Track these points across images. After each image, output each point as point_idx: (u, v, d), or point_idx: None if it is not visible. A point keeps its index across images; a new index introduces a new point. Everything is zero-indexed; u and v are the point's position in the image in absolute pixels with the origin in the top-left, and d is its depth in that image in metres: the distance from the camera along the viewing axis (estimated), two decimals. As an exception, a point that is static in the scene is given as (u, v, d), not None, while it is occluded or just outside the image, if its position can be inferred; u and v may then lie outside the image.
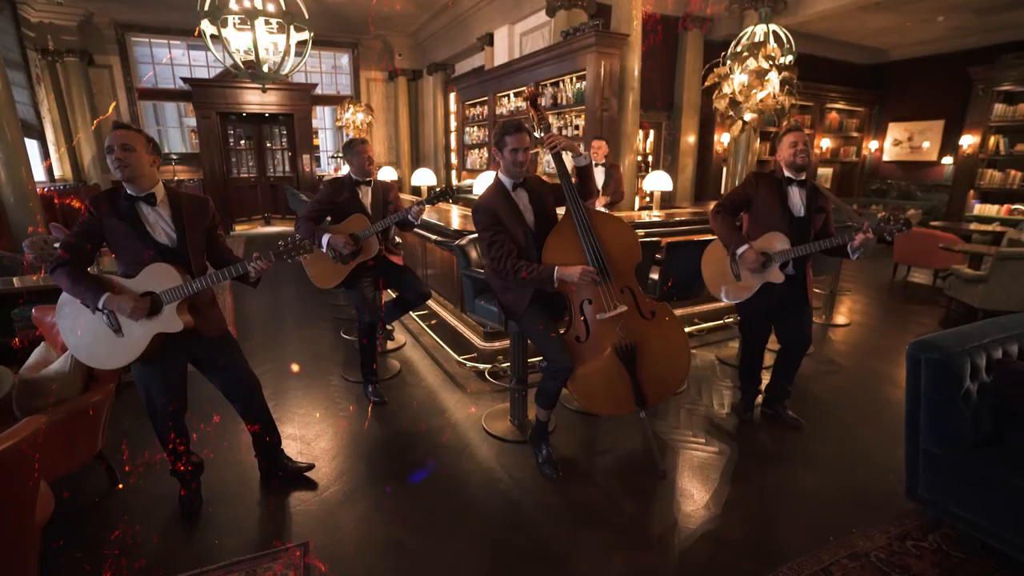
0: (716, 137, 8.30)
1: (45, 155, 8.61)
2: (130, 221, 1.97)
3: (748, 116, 4.65)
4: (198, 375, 2.24)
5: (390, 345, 4.13)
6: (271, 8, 6.08)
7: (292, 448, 2.66)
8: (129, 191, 1.98)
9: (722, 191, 8.20)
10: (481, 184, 6.58)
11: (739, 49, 4.59)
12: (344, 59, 11.62)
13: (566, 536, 2.12)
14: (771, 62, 4.38)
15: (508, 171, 2.41)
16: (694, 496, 2.35)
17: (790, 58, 5.81)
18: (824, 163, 9.80)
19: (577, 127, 6.21)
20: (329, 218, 3.04)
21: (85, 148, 9.29)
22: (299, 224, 2.97)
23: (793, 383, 2.98)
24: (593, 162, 4.99)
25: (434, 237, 3.99)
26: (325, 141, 12.00)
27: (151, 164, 2.01)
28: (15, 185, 6.56)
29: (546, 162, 6.77)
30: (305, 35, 6.39)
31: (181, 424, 2.20)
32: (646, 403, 2.42)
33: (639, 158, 8.44)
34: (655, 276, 3.19)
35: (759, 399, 3.07)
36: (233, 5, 5.98)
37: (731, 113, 4.75)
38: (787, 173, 2.67)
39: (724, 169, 8.13)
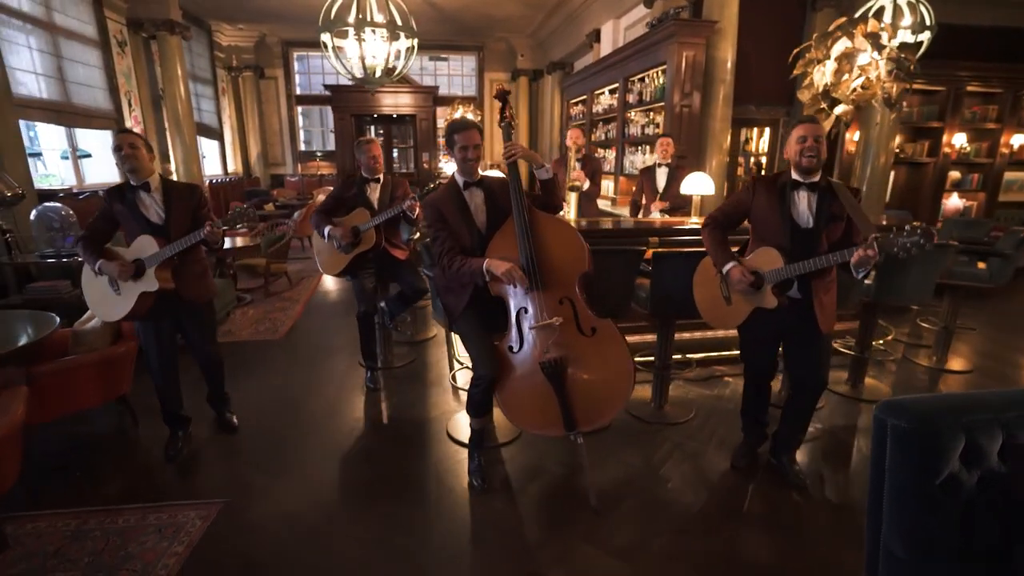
0: (848, 135, 7.04)
1: (223, 154, 10.51)
2: (130, 205, 2.42)
3: (840, 108, 3.88)
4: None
5: (422, 335, 4.31)
6: (380, 19, 6.64)
7: (275, 409, 2.95)
8: (132, 182, 2.43)
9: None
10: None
11: (831, 29, 3.83)
12: (471, 62, 12.23)
13: (450, 548, 2.04)
14: (873, 41, 3.59)
15: (460, 169, 2.36)
16: (613, 539, 2.08)
17: (926, 36, 4.72)
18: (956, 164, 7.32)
19: (658, 124, 5.77)
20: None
21: (252, 147, 11.11)
22: (313, 215, 3.25)
23: (805, 431, 2.47)
24: (658, 162, 4.62)
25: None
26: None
27: (149, 160, 2.44)
28: (189, 176, 8.06)
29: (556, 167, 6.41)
30: (411, 42, 6.86)
31: (171, 379, 2.62)
32: (575, 426, 2.21)
33: (752, 159, 7.55)
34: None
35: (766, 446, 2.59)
36: (350, 18, 6.61)
37: (822, 106, 4.01)
38: (794, 175, 2.21)
39: (852, 172, 6.88)
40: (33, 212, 4.02)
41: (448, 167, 9.18)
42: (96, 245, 2.47)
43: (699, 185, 3.81)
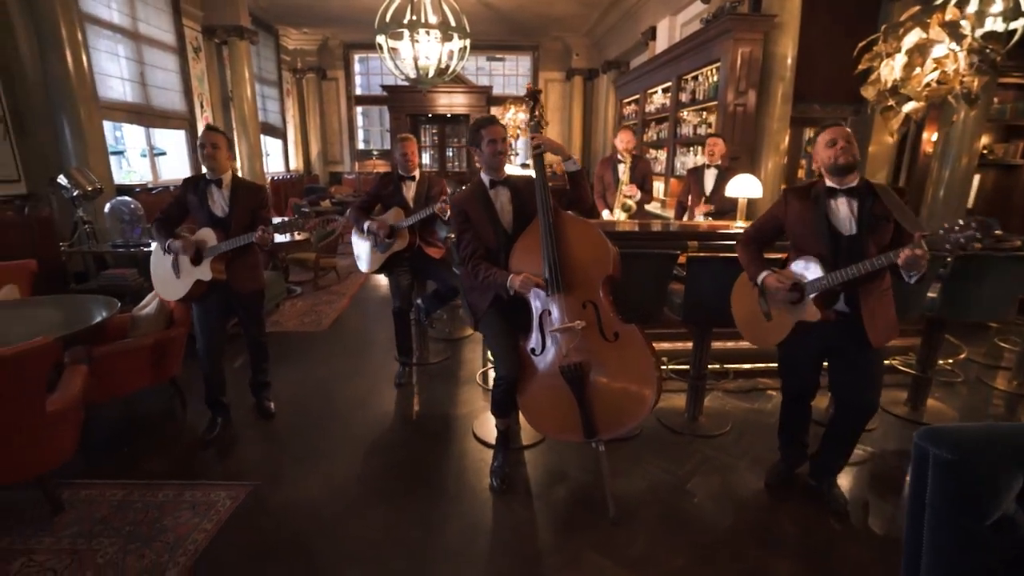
0: (926, 135, 6.50)
1: (286, 152, 11.04)
2: (200, 196, 2.64)
3: (910, 106, 3.57)
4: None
5: (459, 333, 4.35)
6: (434, 20, 6.75)
7: (308, 398, 3.07)
8: (208, 177, 2.65)
9: (924, 204, 6.42)
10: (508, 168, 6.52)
11: (902, 19, 3.53)
12: (526, 62, 12.23)
13: (461, 545, 2.04)
14: (951, 31, 3.28)
15: (489, 164, 2.35)
16: (627, 551, 2.01)
17: (1021, 23, 4.26)
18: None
19: (711, 124, 5.55)
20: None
21: (313, 146, 11.61)
22: (350, 211, 3.36)
23: (849, 456, 2.29)
24: (707, 163, 4.45)
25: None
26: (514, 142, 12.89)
27: (227, 158, 2.66)
28: (253, 174, 8.50)
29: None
30: (464, 43, 6.94)
31: (216, 364, 2.79)
32: (595, 433, 2.15)
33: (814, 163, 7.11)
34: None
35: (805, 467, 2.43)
36: (404, 20, 6.75)
37: (890, 103, 3.72)
38: (829, 182, 2.05)
39: (928, 175, 6.34)
40: (107, 205, 4.37)
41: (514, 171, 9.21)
42: (169, 227, 2.71)
43: (745, 187, 3.62)
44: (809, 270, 2.03)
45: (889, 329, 2.10)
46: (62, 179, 4.12)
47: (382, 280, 6.15)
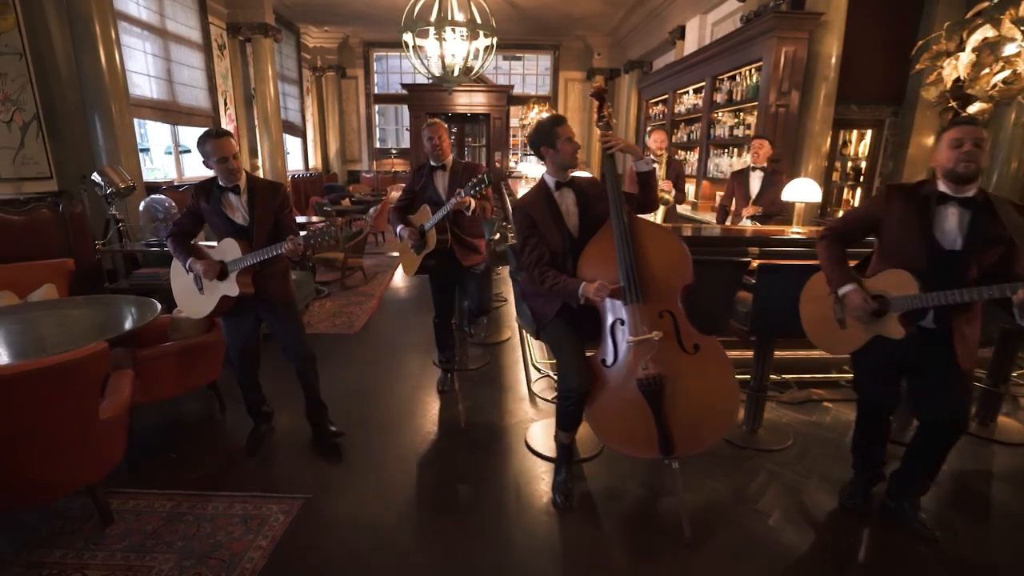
0: (968, 138, 6.31)
1: (305, 150, 10.99)
2: (216, 204, 2.42)
3: (976, 107, 3.43)
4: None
5: (496, 338, 4.25)
6: (461, 17, 6.66)
7: (350, 405, 2.97)
8: (222, 183, 2.41)
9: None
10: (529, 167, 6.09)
11: (968, 16, 3.38)
12: (546, 61, 12.13)
13: (530, 568, 1.93)
14: None
15: (564, 162, 2.23)
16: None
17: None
18: None
19: (749, 126, 5.41)
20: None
21: (332, 144, 11.56)
22: (390, 212, 3.23)
23: (934, 478, 2.16)
24: (751, 165, 4.32)
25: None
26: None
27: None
28: (275, 172, 8.46)
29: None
30: (490, 40, 6.85)
31: (251, 374, 2.64)
32: (672, 451, 2.03)
33: (849, 164, 6.94)
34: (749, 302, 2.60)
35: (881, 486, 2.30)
36: (431, 17, 6.66)
37: (951, 104, 3.58)
38: (942, 187, 1.90)
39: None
40: (142, 203, 4.31)
41: (525, 167, 9.09)
42: (185, 241, 2.50)
43: (803, 191, 3.49)
44: (902, 285, 1.90)
45: (976, 348, 1.97)
46: (96, 177, 4.06)
47: (409, 280, 6.07)
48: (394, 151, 11.90)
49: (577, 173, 2.35)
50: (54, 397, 1.77)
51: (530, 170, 8.80)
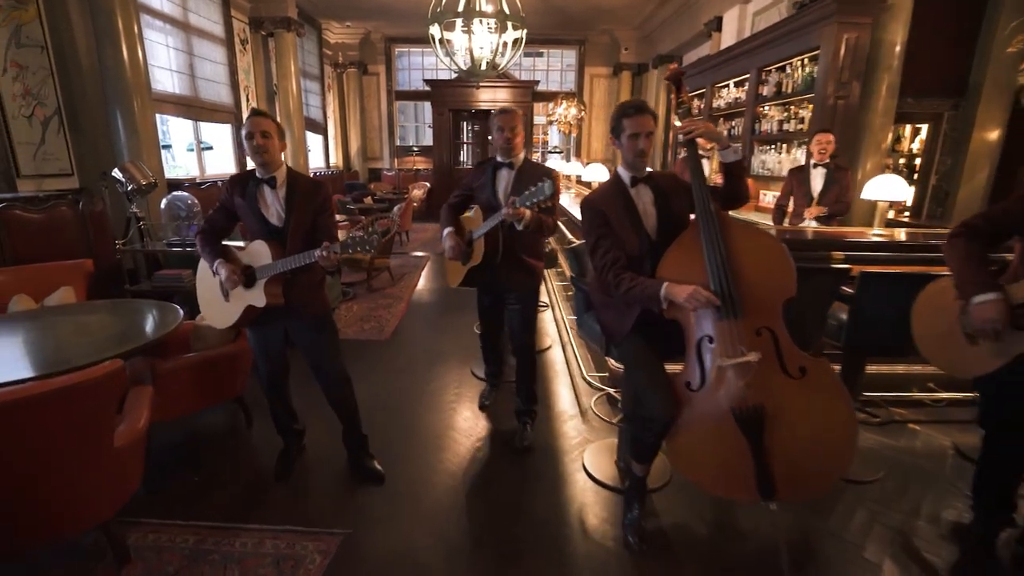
0: (1038, 133, 5.87)
1: (326, 148, 10.82)
2: (251, 200, 2.14)
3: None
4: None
5: (537, 346, 3.96)
6: (489, 8, 6.40)
7: (387, 420, 2.71)
8: (258, 174, 2.14)
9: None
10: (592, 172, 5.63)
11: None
12: (571, 57, 11.80)
13: (617, 634, 1.65)
14: None
15: (627, 162, 1.97)
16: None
17: None
18: None
19: (802, 120, 5.06)
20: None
21: (353, 142, 11.38)
22: (443, 209, 2.77)
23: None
24: (813, 162, 3.99)
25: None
26: (552, 137, 12.45)
27: (281, 149, 2.15)
28: (296, 168, 8.28)
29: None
30: (520, 33, 6.58)
31: (280, 389, 2.38)
32: (774, 494, 1.73)
33: (902, 161, 6.54)
34: (842, 316, 2.28)
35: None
36: (459, 8, 6.40)
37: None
38: None
39: (1042, 178, 5.72)
40: (163, 201, 4.11)
41: (553, 162, 8.80)
42: (215, 240, 2.24)
43: (888, 189, 3.14)
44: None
45: None
46: (117, 173, 3.86)
47: (436, 282, 5.82)
48: (415, 149, 11.67)
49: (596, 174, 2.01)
50: (60, 424, 1.53)
51: (555, 165, 8.52)
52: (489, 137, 2.45)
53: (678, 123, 2.02)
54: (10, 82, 3.99)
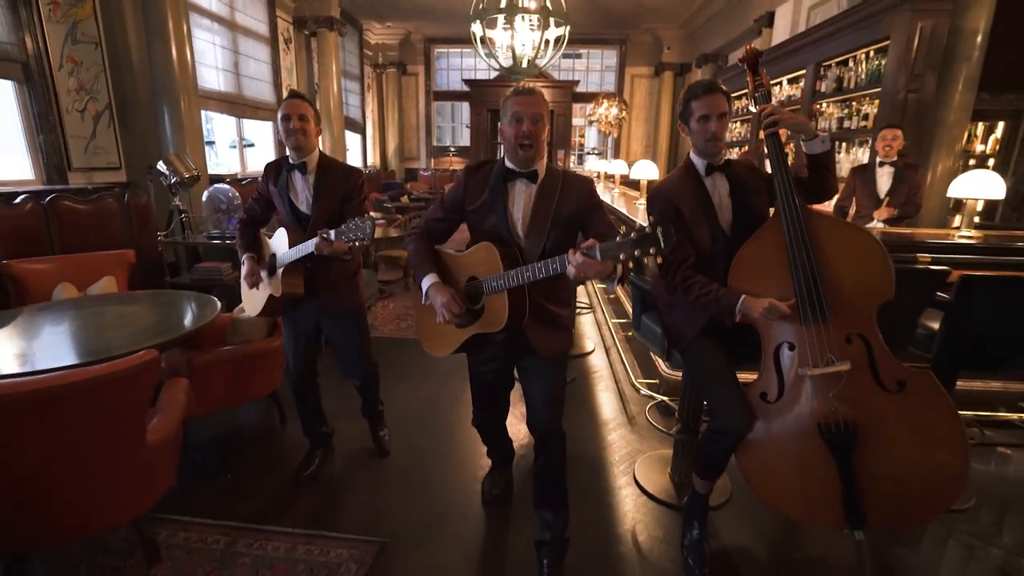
0: None
1: (364, 147, 10.90)
2: (282, 186, 2.08)
3: None
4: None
5: (578, 350, 3.79)
6: (532, 5, 6.28)
7: (426, 424, 2.58)
8: (290, 158, 2.06)
9: None
10: (640, 170, 4.52)
11: None
12: (611, 57, 11.58)
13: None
14: None
15: (699, 148, 1.78)
16: None
17: None
18: None
19: (866, 116, 4.73)
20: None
21: (390, 141, 11.44)
22: (407, 242, 2.06)
23: None
24: (879, 160, 3.69)
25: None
26: (590, 138, 12.24)
27: (316, 134, 2.07)
28: (335, 168, 8.32)
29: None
30: (563, 30, 6.45)
31: (307, 390, 2.29)
32: (863, 522, 1.52)
33: (972, 161, 6.07)
34: (933, 325, 2.02)
35: None
36: (502, 4, 6.30)
37: None
38: None
39: None
40: (205, 193, 4.12)
41: (591, 163, 8.59)
42: (252, 230, 2.22)
43: (979, 187, 2.84)
44: None
45: None
46: (161, 165, 3.89)
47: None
48: (452, 149, 11.65)
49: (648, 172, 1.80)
50: (92, 415, 1.45)
51: (597, 166, 8.30)
52: (499, 133, 1.59)
53: (753, 109, 1.82)
54: (65, 77, 4.08)
